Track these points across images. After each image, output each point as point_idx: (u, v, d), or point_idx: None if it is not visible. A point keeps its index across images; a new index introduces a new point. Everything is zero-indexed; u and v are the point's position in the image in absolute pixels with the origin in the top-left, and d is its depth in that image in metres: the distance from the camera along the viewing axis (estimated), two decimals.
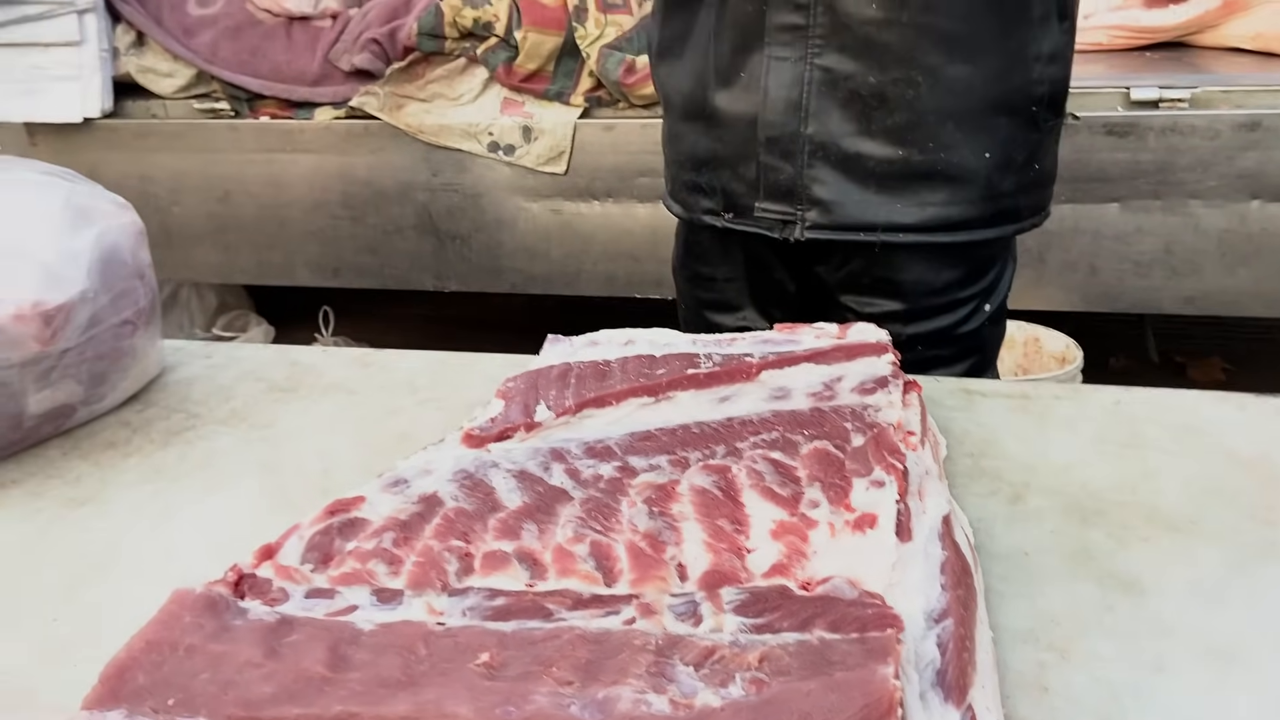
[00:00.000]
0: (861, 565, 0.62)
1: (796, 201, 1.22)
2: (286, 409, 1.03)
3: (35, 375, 0.91)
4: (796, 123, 1.18)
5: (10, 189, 0.90)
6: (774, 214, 1.24)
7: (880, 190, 1.19)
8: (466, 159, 2.45)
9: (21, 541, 0.81)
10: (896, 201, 1.19)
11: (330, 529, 0.71)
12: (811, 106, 1.17)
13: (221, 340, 3.11)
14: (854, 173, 1.19)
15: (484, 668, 0.55)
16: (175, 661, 0.57)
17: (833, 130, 1.17)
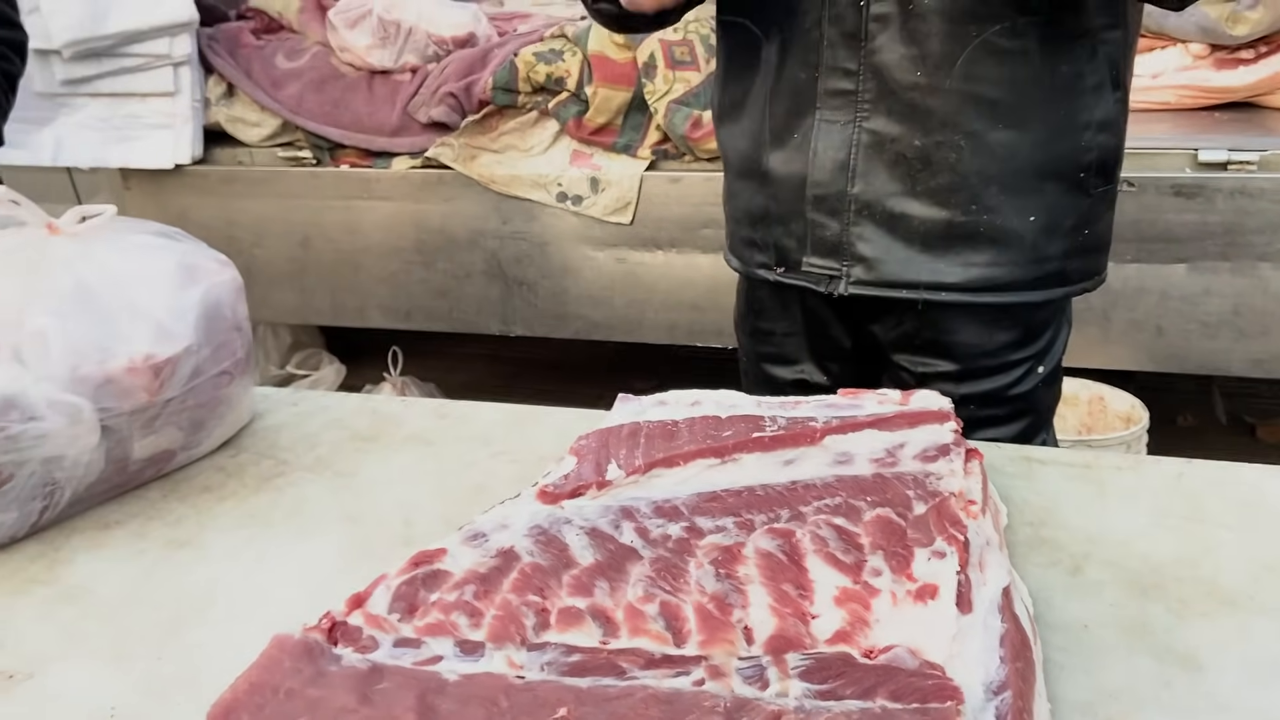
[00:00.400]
0: (923, 635, 0.64)
1: (841, 257, 1.26)
2: (368, 458, 1.08)
3: (141, 422, 0.97)
4: (844, 182, 1.23)
5: (131, 252, 0.97)
6: (820, 269, 1.29)
7: (924, 249, 1.23)
8: (535, 208, 2.53)
9: (128, 580, 0.87)
10: (940, 261, 1.23)
11: (415, 580, 0.76)
12: (859, 167, 1.22)
13: (295, 378, 3.21)
14: (898, 231, 1.23)
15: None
16: (276, 704, 0.62)
17: (878, 190, 1.22)
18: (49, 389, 0.89)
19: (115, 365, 0.93)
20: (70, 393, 0.90)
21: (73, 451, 0.92)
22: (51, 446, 0.90)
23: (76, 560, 0.90)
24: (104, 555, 0.90)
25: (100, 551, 0.91)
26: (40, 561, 0.90)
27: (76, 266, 0.94)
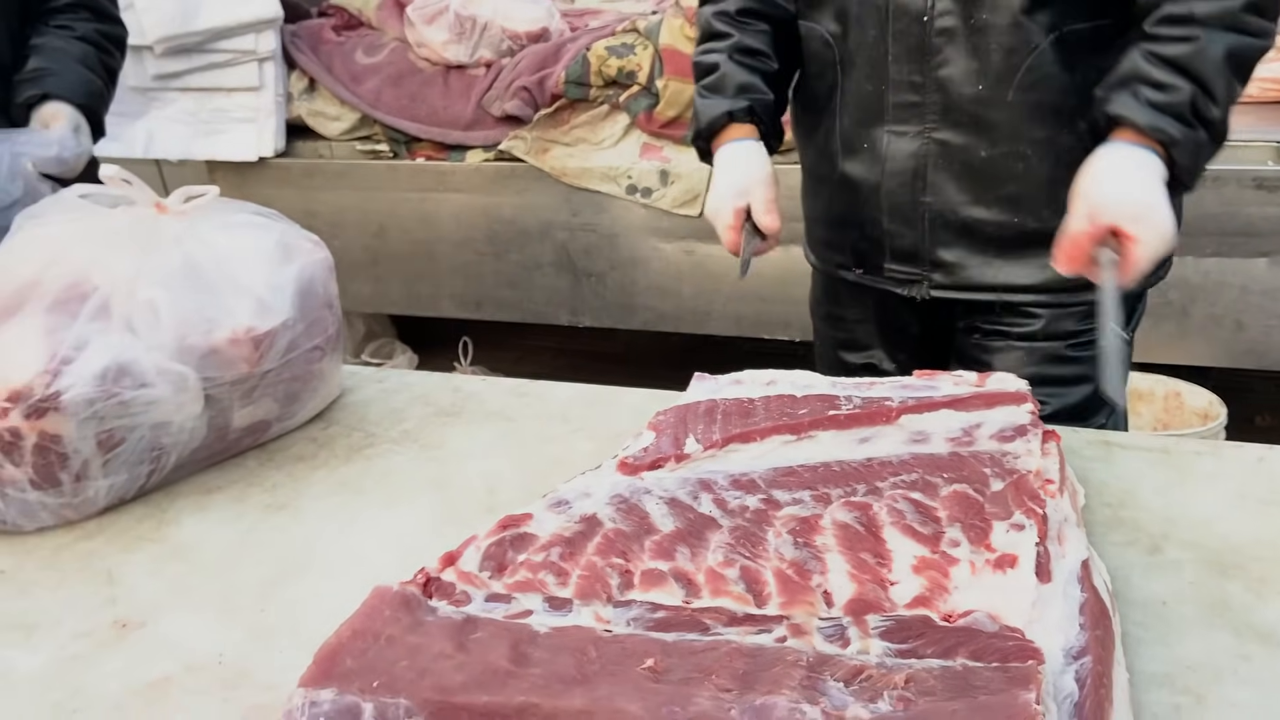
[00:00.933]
0: (1002, 602, 0.65)
1: (921, 264, 1.29)
2: (452, 432, 1.12)
3: (241, 393, 1.02)
4: (916, 192, 1.26)
5: (233, 230, 1.02)
6: (901, 274, 1.32)
7: (1000, 254, 1.25)
8: (605, 200, 2.56)
9: (230, 540, 0.91)
10: (1016, 265, 1.25)
11: (503, 541, 0.79)
12: (929, 177, 1.24)
13: (369, 365, 3.29)
14: (973, 238, 1.26)
15: (649, 671, 0.61)
16: (377, 649, 0.65)
17: (950, 199, 1.24)
18: (158, 358, 0.94)
19: (219, 337, 0.97)
20: (177, 362, 0.95)
21: (178, 418, 0.97)
22: (159, 413, 0.95)
23: (182, 521, 0.95)
24: (207, 517, 0.95)
25: (203, 514, 0.96)
26: (148, 521, 0.95)
27: (184, 243, 1.00)
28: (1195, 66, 1.03)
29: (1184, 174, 1.04)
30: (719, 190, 1.26)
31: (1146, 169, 1.04)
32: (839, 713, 0.55)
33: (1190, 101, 1.02)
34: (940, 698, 0.55)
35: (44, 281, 0.94)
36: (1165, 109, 1.03)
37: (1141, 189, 1.03)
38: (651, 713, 0.58)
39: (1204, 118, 1.02)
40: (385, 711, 0.61)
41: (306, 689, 0.63)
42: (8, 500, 0.90)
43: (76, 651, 0.77)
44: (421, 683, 0.62)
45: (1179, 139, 1.03)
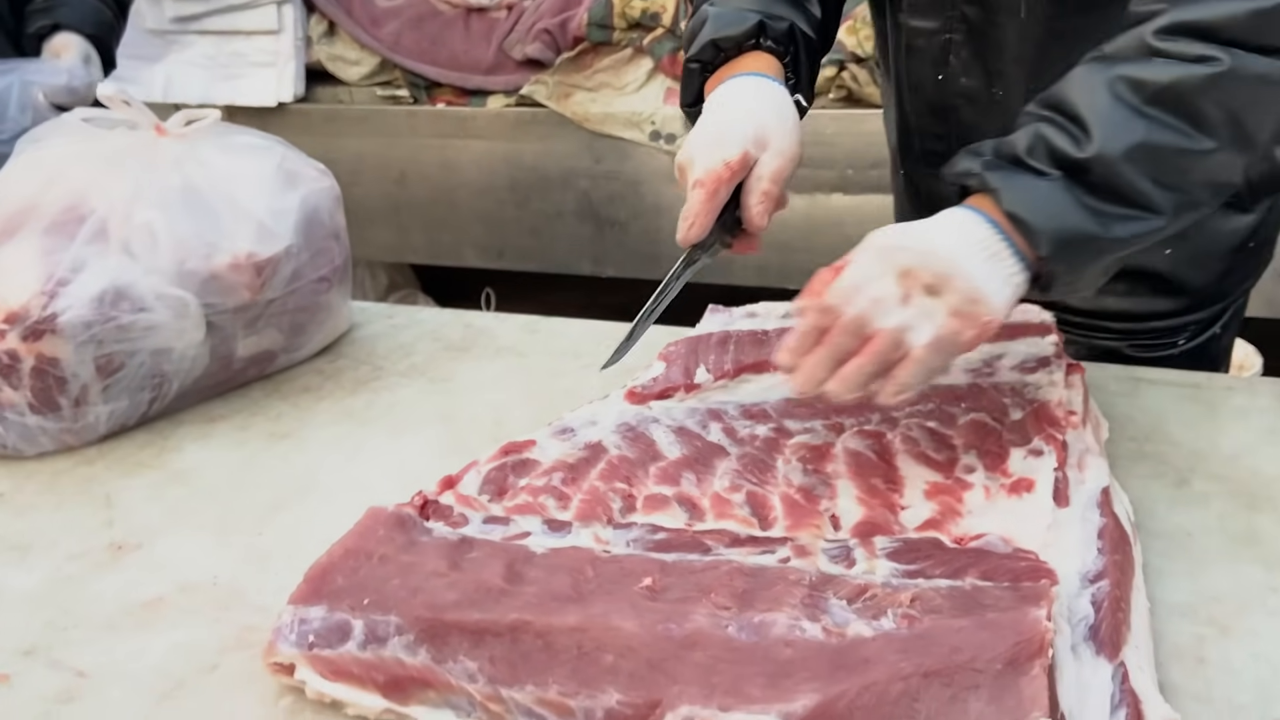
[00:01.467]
0: (1016, 526, 0.62)
1: None
2: (461, 366, 1.09)
3: (244, 321, 1.00)
4: None
5: (233, 152, 1.00)
6: None
7: None
8: (628, 147, 2.51)
9: (232, 467, 0.90)
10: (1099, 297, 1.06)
11: (505, 466, 0.77)
12: None
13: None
14: None
15: (647, 590, 0.59)
16: (370, 568, 0.64)
17: None
18: (157, 282, 0.92)
19: (219, 262, 0.95)
20: (177, 287, 0.93)
21: (179, 345, 0.95)
22: (159, 339, 0.93)
23: (184, 448, 0.93)
24: (209, 444, 0.94)
25: (206, 441, 0.95)
26: (149, 449, 0.93)
27: (183, 166, 0.97)
28: (1057, 97, 0.73)
29: (1038, 239, 0.70)
30: (705, 129, 0.84)
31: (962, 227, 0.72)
32: (840, 630, 0.53)
33: (1033, 139, 0.71)
34: (946, 615, 0.52)
35: (41, 204, 0.92)
36: (993, 151, 0.74)
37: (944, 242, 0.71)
38: (647, 630, 0.56)
39: (1061, 156, 0.70)
40: (375, 629, 0.60)
41: (296, 606, 0.62)
42: (7, 424, 0.89)
43: (71, 572, 0.76)
44: (413, 600, 0.61)
45: (994, 185, 0.71)
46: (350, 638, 0.60)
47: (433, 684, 0.58)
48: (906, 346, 0.68)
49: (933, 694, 0.49)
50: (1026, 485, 0.66)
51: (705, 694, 0.52)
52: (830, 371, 0.69)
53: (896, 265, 0.70)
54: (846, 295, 0.70)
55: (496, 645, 0.57)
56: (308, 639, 0.60)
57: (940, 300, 0.69)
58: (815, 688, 0.50)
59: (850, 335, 0.69)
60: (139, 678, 0.65)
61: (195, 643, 0.67)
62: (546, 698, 0.55)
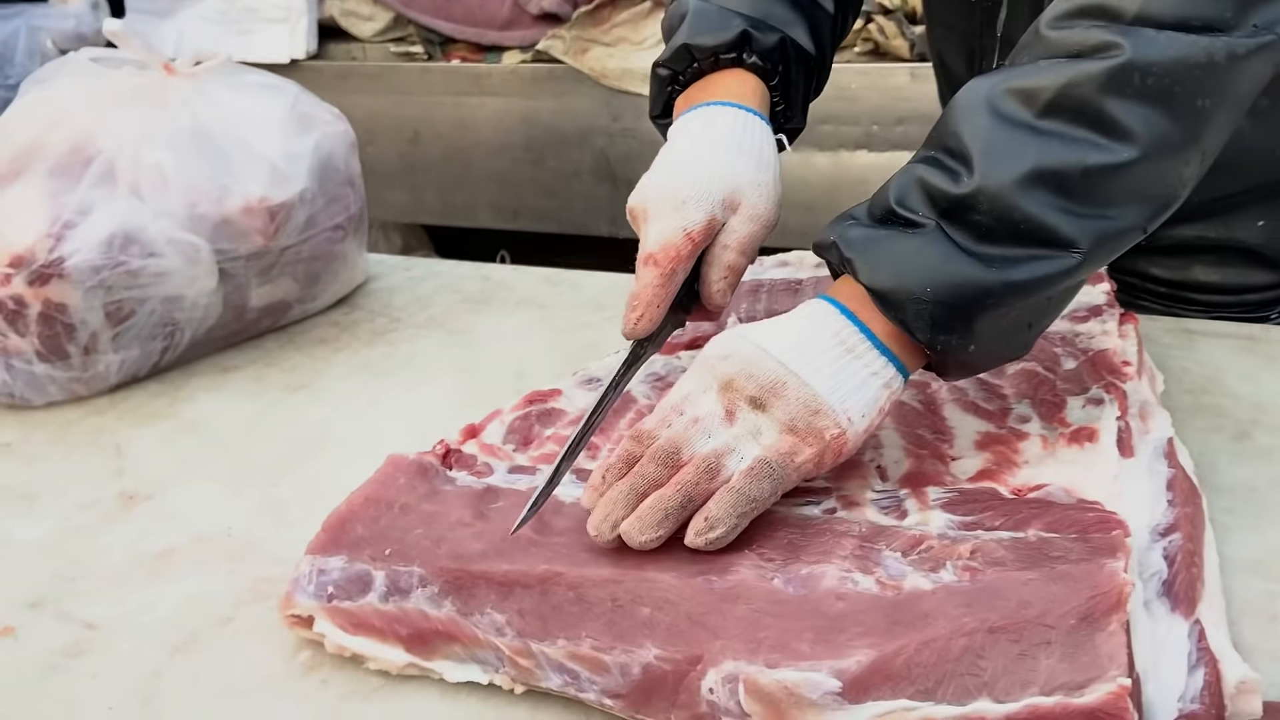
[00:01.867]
0: (1080, 477, 0.59)
1: None
2: (481, 318, 1.06)
3: (258, 270, 0.97)
4: None
5: (244, 93, 0.96)
6: None
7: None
8: (647, 104, 2.46)
9: (246, 417, 0.87)
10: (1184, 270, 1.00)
11: (529, 416, 0.73)
12: None
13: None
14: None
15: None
16: (391, 517, 0.60)
17: None
18: (167, 226, 0.89)
19: (231, 205, 0.92)
20: (188, 231, 0.90)
21: (191, 292, 0.92)
22: (171, 285, 0.90)
23: (196, 398, 0.90)
24: (223, 395, 0.91)
25: (219, 392, 0.91)
26: (161, 399, 0.90)
27: (193, 106, 0.93)
28: (939, 129, 0.60)
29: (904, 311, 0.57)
30: (665, 177, 0.70)
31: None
32: (895, 583, 0.49)
33: (906, 184, 0.59)
34: (1012, 568, 0.49)
35: (46, 145, 0.89)
36: (866, 210, 0.62)
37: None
38: (686, 581, 0.52)
39: (937, 197, 0.57)
40: (397, 580, 0.56)
41: (314, 556, 0.59)
42: (14, 372, 0.86)
43: (80, 522, 0.73)
44: (437, 551, 0.58)
45: (848, 255, 0.59)
46: (371, 589, 0.57)
47: (458, 637, 0.55)
48: (725, 474, 0.56)
49: (999, 650, 0.45)
50: (1088, 435, 0.62)
51: (750, 649, 0.48)
52: (629, 509, 0.55)
53: (718, 377, 0.58)
54: (663, 417, 0.59)
55: (526, 597, 0.54)
56: (326, 590, 0.57)
57: (769, 415, 0.57)
58: (870, 643, 0.47)
59: (658, 464, 0.56)
60: (150, 630, 0.62)
61: (209, 595, 0.64)
62: (579, 652, 0.51)
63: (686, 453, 0.57)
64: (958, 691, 0.44)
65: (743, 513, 0.55)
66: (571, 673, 0.52)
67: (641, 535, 0.54)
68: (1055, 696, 0.43)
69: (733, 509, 0.54)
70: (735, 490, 0.55)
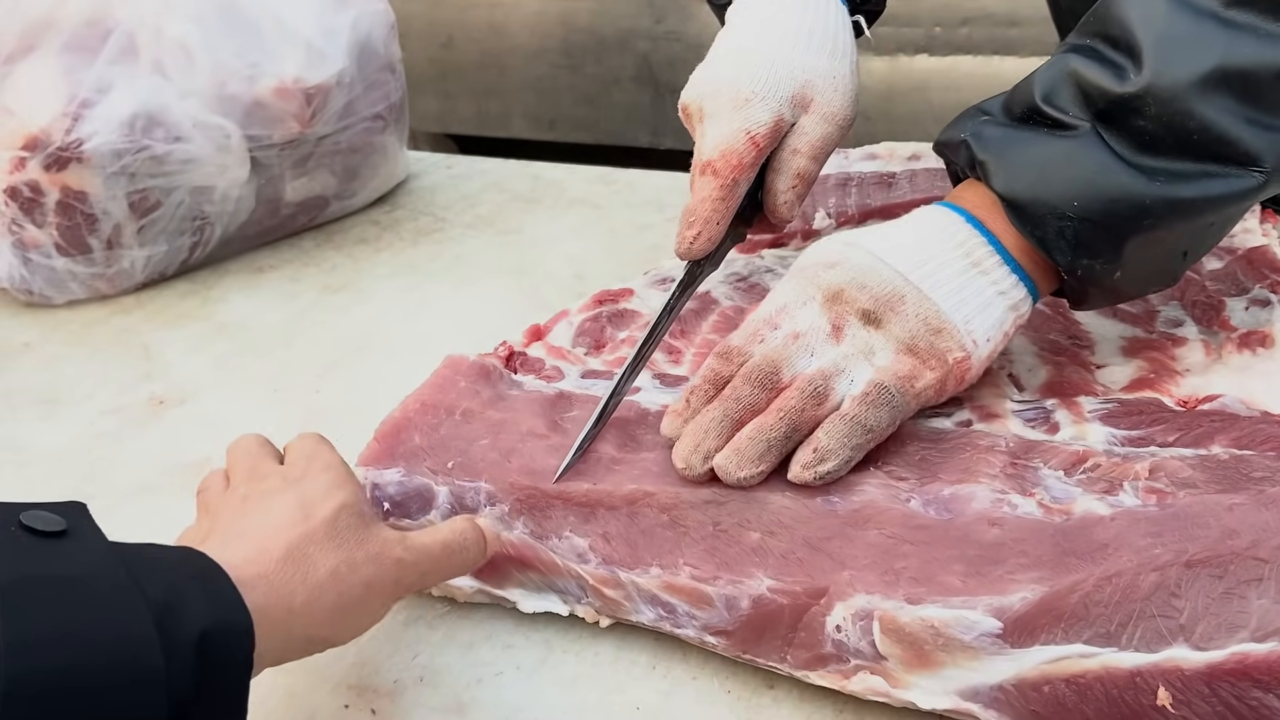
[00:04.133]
0: (1258, 386, 0.50)
1: None
2: (532, 218, 0.97)
3: (293, 160, 0.88)
4: None
5: None
6: None
7: None
8: (691, 5, 2.32)
9: (284, 319, 0.79)
10: None
11: (600, 317, 0.66)
12: None
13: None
14: None
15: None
16: (452, 425, 0.53)
17: None
18: (194, 107, 0.80)
19: (264, 86, 0.83)
20: (217, 114, 0.81)
21: (222, 183, 0.84)
22: (199, 174, 0.82)
23: (229, 299, 0.83)
24: (258, 295, 0.83)
25: (254, 292, 0.84)
26: (191, 299, 0.83)
27: None
28: (1100, 14, 0.50)
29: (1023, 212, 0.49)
30: (726, 67, 0.60)
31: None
32: (1063, 507, 0.42)
33: (1055, 78, 0.50)
34: (1207, 490, 0.41)
35: (59, 17, 0.80)
36: (1001, 105, 0.53)
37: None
38: (800, 503, 0.45)
39: (1095, 95, 0.48)
40: (463, 496, 0.49)
41: (367, 468, 0.52)
42: (32, 267, 0.79)
43: (106, 429, 0.66)
44: (508, 465, 0.50)
45: (981, 157, 0.51)
46: (434, 506, 0.50)
47: (533, 564, 0.48)
48: (835, 399, 0.48)
49: (1199, 588, 0.37)
50: (1259, 339, 0.54)
51: (886, 581, 0.41)
52: (723, 439, 0.47)
53: (823, 288, 0.50)
54: (755, 331, 0.50)
55: (611, 520, 0.47)
56: (383, 507, 0.50)
57: (884, 333, 0.49)
58: (1037, 577, 0.39)
59: (755, 385, 0.48)
60: None
61: None
62: (677, 582, 0.44)
63: (787, 373, 0.49)
64: (1147, 636, 0.37)
65: (857, 444, 0.46)
66: (667, 606, 0.45)
67: (741, 470, 0.46)
68: (1270, 643, 0.35)
69: (847, 439, 0.46)
70: (849, 418, 0.47)
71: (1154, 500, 0.41)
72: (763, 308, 0.52)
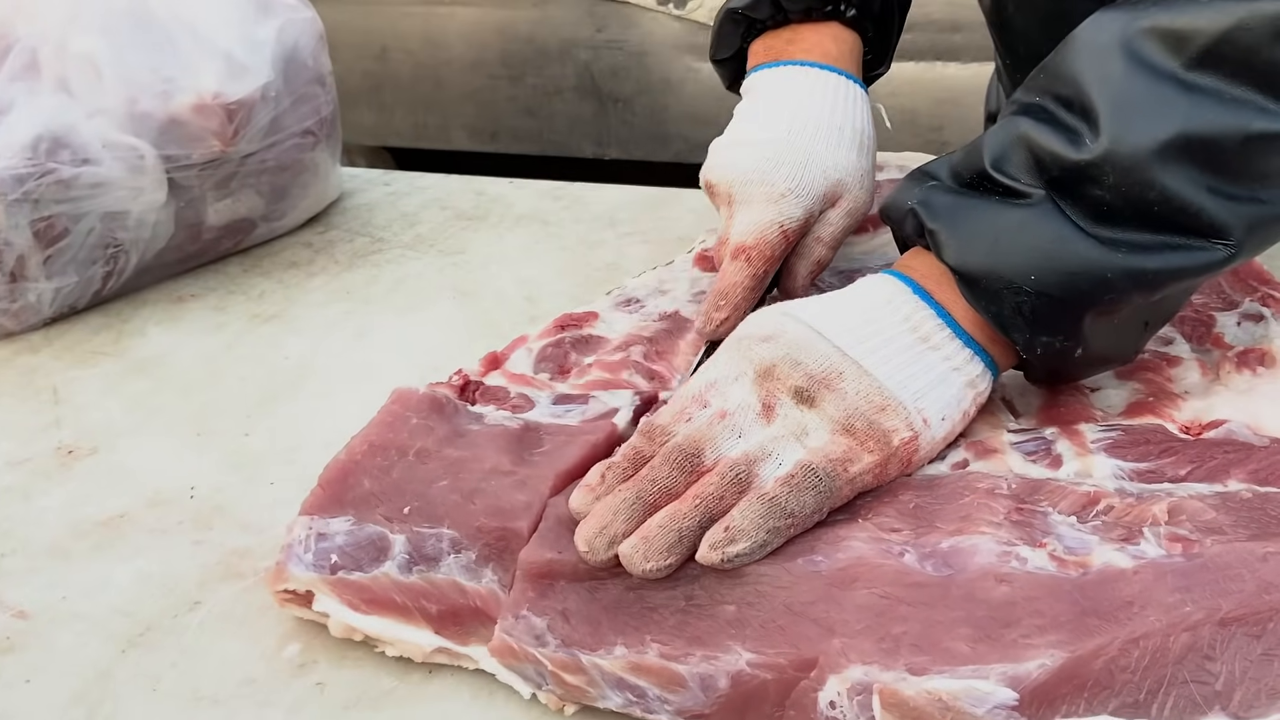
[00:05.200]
0: (1264, 409, 0.47)
1: None
2: (477, 237, 0.92)
3: (215, 181, 0.82)
4: None
5: None
6: None
7: None
8: (633, 13, 2.29)
9: (208, 353, 0.73)
10: None
11: (562, 343, 0.61)
12: None
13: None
14: None
15: None
16: (406, 466, 0.48)
17: None
18: (104, 126, 0.74)
19: (180, 102, 0.77)
20: (129, 133, 0.75)
21: (136, 208, 0.77)
22: (111, 199, 0.75)
23: (148, 332, 0.77)
24: (179, 328, 0.77)
25: (175, 324, 0.78)
26: (105, 333, 0.77)
27: None
28: (1052, 71, 0.48)
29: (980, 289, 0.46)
30: (758, 157, 0.62)
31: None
32: (1079, 560, 0.38)
33: (1007, 141, 0.47)
34: (1236, 536, 0.37)
35: None
36: (949, 169, 0.50)
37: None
38: (779, 566, 0.41)
39: (1049, 163, 0.46)
40: (423, 545, 0.44)
41: (312, 517, 0.46)
42: None
43: (9, 483, 0.60)
44: (472, 507, 0.45)
45: (931, 225, 0.48)
46: (389, 556, 0.44)
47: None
48: (759, 486, 0.43)
49: (1235, 649, 0.34)
50: (1258, 357, 0.51)
51: (884, 649, 0.37)
52: (633, 523, 0.43)
53: (755, 363, 0.47)
54: (682, 409, 0.46)
55: (571, 595, 0.42)
56: (329, 559, 0.45)
57: (818, 412, 0.45)
58: (1055, 641, 0.35)
59: (674, 467, 0.44)
60: (97, 619, 0.50)
61: (170, 573, 0.52)
62: (644, 663, 0.39)
63: (711, 455, 0.45)
64: (1180, 705, 0.33)
65: (774, 528, 0.42)
66: (635, 689, 0.40)
67: (648, 562, 0.41)
68: None
69: (763, 520, 0.41)
70: (769, 499, 0.42)
71: (1179, 549, 0.37)
72: (693, 383, 0.48)
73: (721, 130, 0.67)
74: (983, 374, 0.47)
